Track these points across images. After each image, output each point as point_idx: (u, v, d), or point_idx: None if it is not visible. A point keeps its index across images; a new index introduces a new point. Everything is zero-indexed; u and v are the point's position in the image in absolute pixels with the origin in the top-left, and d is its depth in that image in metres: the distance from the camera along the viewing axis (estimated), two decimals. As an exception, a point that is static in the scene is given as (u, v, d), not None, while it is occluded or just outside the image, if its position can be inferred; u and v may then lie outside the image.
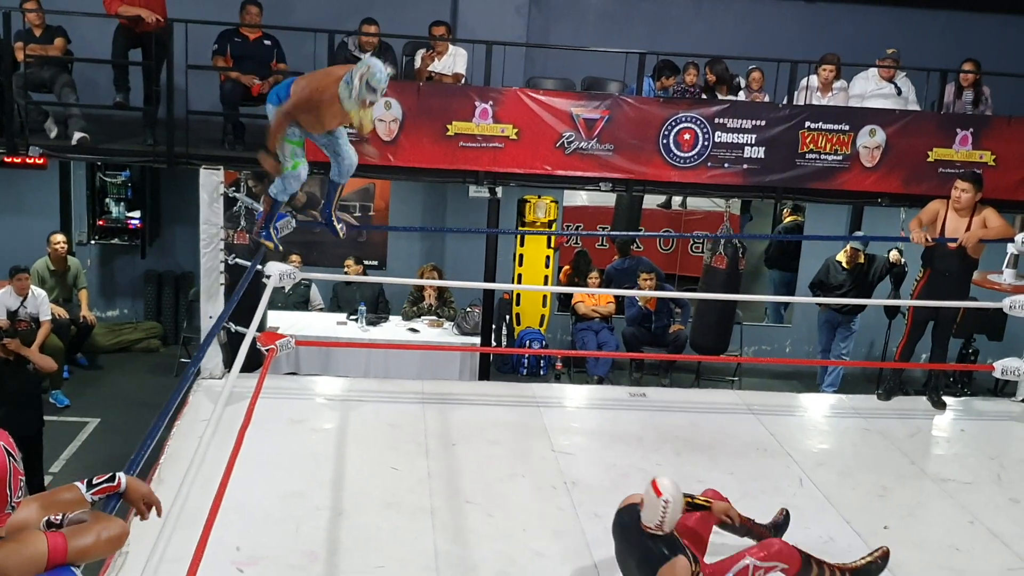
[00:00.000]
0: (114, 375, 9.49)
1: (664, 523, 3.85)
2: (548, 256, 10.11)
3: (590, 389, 7.39)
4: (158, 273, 10.56)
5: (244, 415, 4.70)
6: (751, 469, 5.47)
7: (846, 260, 9.54)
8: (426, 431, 5.73)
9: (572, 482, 5.21)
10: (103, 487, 2.71)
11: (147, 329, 10.42)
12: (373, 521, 4.69)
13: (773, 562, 4.09)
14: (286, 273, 5.98)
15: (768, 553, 4.10)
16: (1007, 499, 5.40)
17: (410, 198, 10.62)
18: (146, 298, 10.61)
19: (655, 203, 12.14)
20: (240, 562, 4.22)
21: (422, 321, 9.40)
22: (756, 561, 4.07)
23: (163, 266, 10.61)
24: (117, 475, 2.76)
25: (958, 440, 6.33)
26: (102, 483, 2.71)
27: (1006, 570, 4.63)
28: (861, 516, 5.00)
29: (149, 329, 10.43)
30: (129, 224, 10.50)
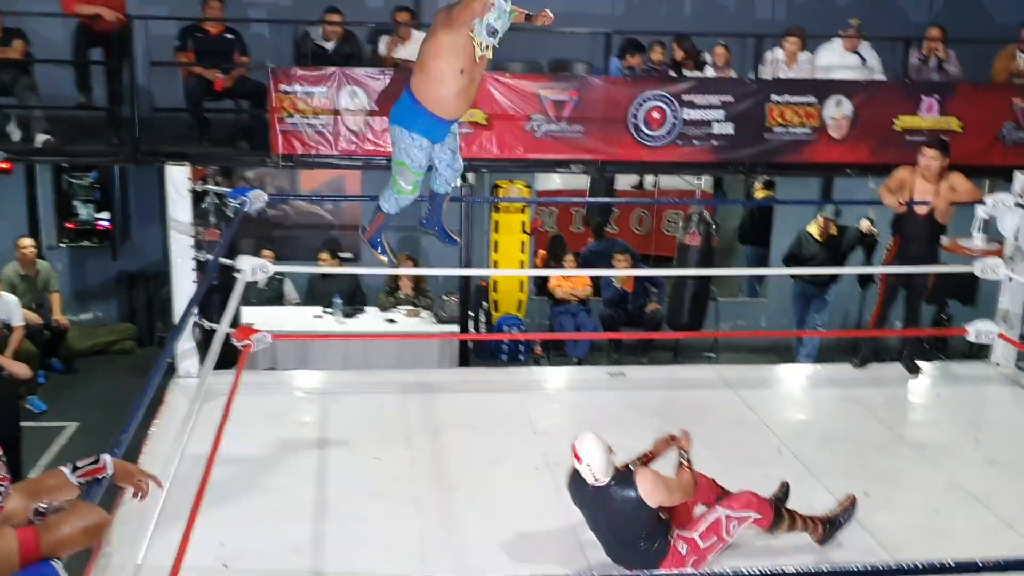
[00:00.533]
0: (90, 378, 9.43)
1: (600, 475, 3.96)
2: (523, 242, 10.12)
3: (569, 371, 7.42)
4: (130, 274, 10.50)
5: (222, 411, 4.69)
6: (730, 442, 5.49)
7: (818, 232, 9.60)
8: (407, 420, 5.72)
9: (555, 463, 5.20)
10: (88, 469, 2.68)
11: (121, 331, 10.36)
12: (357, 512, 4.68)
13: (745, 512, 4.17)
14: (258, 267, 5.94)
15: (740, 504, 4.18)
16: (985, 461, 5.45)
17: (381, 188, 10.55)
18: (119, 299, 10.55)
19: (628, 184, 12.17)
20: (225, 558, 4.21)
21: (399, 311, 9.39)
22: (728, 511, 4.16)
23: (135, 266, 10.54)
24: (102, 457, 2.73)
25: (934, 405, 6.40)
26: (87, 465, 2.69)
27: (986, 530, 4.68)
28: (840, 483, 5.03)
29: (123, 331, 10.37)
30: (98, 225, 10.43)
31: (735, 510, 4.18)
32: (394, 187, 5.17)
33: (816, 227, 9.62)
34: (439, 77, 4.67)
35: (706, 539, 4.14)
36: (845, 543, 4.47)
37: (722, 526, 4.16)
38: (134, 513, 4.15)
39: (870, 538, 4.52)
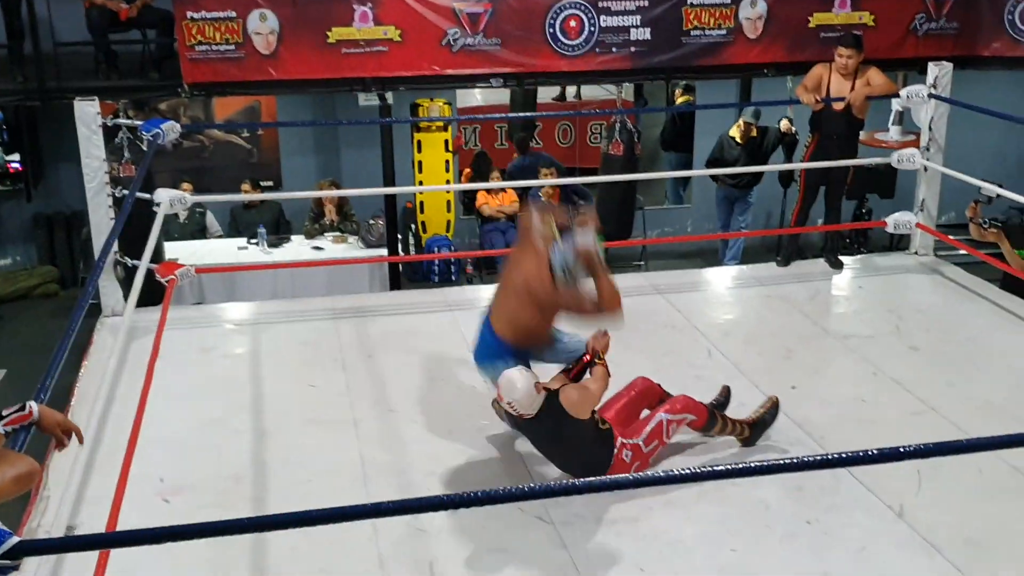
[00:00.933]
0: (14, 324, 9.23)
1: (526, 411, 4.00)
2: (447, 160, 10.02)
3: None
4: (47, 215, 10.22)
5: (151, 348, 4.65)
6: (661, 346, 5.59)
7: (739, 135, 9.67)
8: (341, 346, 5.70)
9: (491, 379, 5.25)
10: (13, 417, 2.63)
11: (43, 274, 10.12)
12: (296, 439, 4.68)
13: (683, 414, 4.31)
14: (176, 199, 5.83)
15: (678, 407, 4.31)
16: (907, 347, 5.62)
17: (299, 114, 10.40)
18: (38, 242, 10.28)
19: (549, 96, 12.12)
20: (165, 492, 4.19)
21: (325, 238, 9.29)
22: (668, 415, 4.28)
23: (51, 208, 10.26)
24: (27, 404, 2.68)
25: (857, 297, 6.55)
26: (11, 413, 2.63)
27: (910, 414, 4.84)
28: (768, 379, 5.16)
29: (45, 274, 10.13)
30: (10, 168, 10.10)
31: (674, 413, 4.30)
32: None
33: (737, 130, 9.69)
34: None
35: (649, 443, 4.24)
36: (774, 436, 4.59)
37: (663, 429, 4.28)
38: (70, 455, 4.11)
39: (799, 430, 4.65)
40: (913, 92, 6.62)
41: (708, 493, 4.12)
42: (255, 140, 10.71)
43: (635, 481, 3.42)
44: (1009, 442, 2.88)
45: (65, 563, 3.61)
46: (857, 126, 6.67)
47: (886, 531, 3.93)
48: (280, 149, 10.72)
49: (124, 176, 6.28)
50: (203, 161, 10.58)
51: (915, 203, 6.88)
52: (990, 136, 10.59)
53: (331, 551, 3.77)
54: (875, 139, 8.99)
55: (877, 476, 4.19)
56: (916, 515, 4.00)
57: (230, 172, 10.38)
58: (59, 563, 3.62)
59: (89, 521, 3.89)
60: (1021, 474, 4.24)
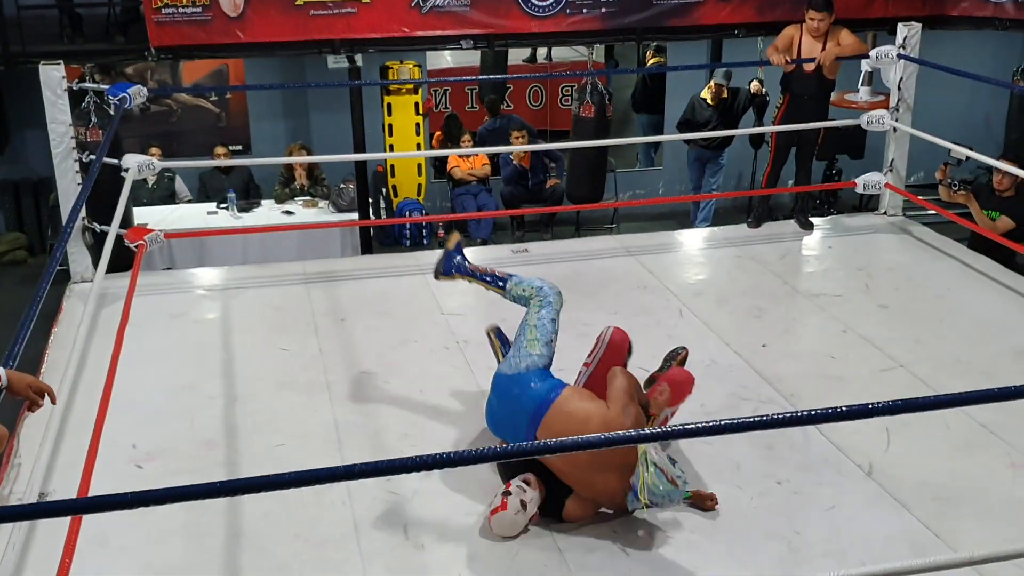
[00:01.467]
0: (-18, 292, 9.14)
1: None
2: (418, 123, 9.97)
3: (473, 251, 7.37)
4: (14, 182, 10.10)
5: (121, 314, 4.61)
6: (633, 307, 5.61)
7: (711, 96, 9.67)
8: (313, 310, 5.68)
9: (464, 341, 5.26)
10: None
11: (11, 241, 10.02)
12: (269, 403, 4.67)
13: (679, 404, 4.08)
14: (144, 164, 5.77)
15: (678, 395, 4.04)
16: (876, 306, 5.67)
17: (267, 77, 10.29)
18: (5, 209, 10.17)
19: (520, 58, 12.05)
20: (138, 459, 4.18)
21: (296, 203, 9.24)
22: (672, 409, 4.03)
23: (18, 174, 10.13)
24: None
25: (827, 256, 6.59)
26: None
27: (879, 371, 4.89)
28: (739, 338, 5.20)
29: (13, 241, 10.03)
30: (-26, 134, 9.96)
31: (674, 404, 4.03)
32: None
33: (708, 92, 9.69)
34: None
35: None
36: (747, 395, 4.64)
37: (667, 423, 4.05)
38: (41, 423, 4.09)
39: (769, 388, 4.69)
40: (882, 53, 6.63)
41: (679, 453, 4.15)
42: (223, 104, 10.60)
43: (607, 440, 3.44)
44: (976, 398, 2.92)
45: (37, 530, 3.60)
46: (828, 87, 6.68)
47: (855, 489, 3.98)
48: (249, 113, 10.62)
49: (91, 141, 6.20)
50: (171, 126, 10.47)
51: (884, 164, 6.92)
52: (958, 97, 10.64)
53: (306, 515, 3.78)
54: (845, 100, 9.01)
55: (846, 434, 4.24)
56: (885, 473, 4.06)
57: (199, 137, 10.28)
58: (31, 530, 3.61)
59: (61, 488, 3.87)
60: (987, 430, 4.31)
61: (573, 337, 4.70)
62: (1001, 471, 4.09)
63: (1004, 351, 5.10)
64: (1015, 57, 10.37)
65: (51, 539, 3.12)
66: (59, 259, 3.81)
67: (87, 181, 4.85)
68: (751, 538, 3.70)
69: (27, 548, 3.55)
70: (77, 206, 4.52)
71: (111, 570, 3.52)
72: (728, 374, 4.77)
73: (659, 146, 11.55)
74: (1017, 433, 4.26)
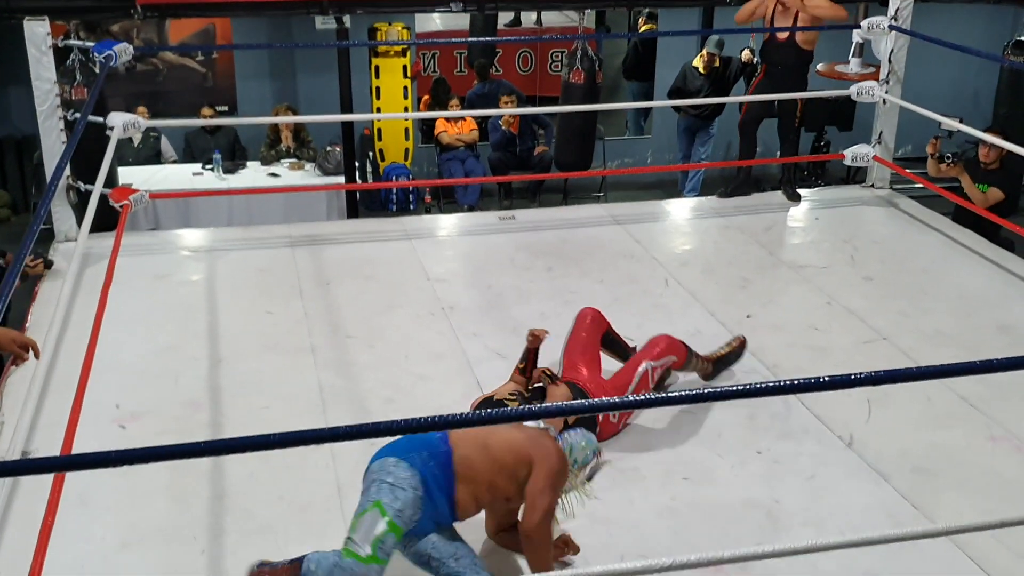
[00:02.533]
0: (-35, 250, 9.07)
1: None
2: (405, 86, 9.90)
3: (460, 217, 7.40)
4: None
5: (105, 274, 4.59)
6: (619, 276, 5.62)
7: (703, 65, 9.63)
8: (298, 273, 5.67)
9: (449, 307, 5.26)
10: None
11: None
12: (253, 365, 4.67)
13: (666, 357, 4.21)
14: (129, 123, 5.72)
15: (659, 350, 4.20)
16: (860, 278, 5.69)
17: (254, 37, 10.19)
18: (-13, 167, 10.07)
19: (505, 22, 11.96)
20: (121, 419, 4.17)
21: (282, 165, 9.18)
22: (653, 363, 4.16)
23: (2, 132, 10.02)
24: None
25: (813, 228, 6.61)
26: None
27: (862, 343, 4.92)
28: (724, 308, 5.22)
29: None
30: (-44, 90, 9.84)
31: (658, 358, 4.17)
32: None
33: (700, 60, 9.65)
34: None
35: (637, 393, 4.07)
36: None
37: (648, 378, 4.14)
38: (25, 380, 4.08)
39: (752, 358, 4.70)
40: (873, 24, 6.61)
41: (661, 421, 4.18)
42: (210, 64, 10.50)
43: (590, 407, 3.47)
44: (957, 370, 2.94)
45: (20, 488, 3.60)
46: (806, 57, 6.64)
47: (836, 459, 4.01)
48: (235, 73, 10.52)
49: (76, 99, 6.13)
50: (157, 85, 10.37)
51: (873, 136, 6.92)
52: (948, 70, 10.64)
53: (289, 477, 3.79)
54: (835, 71, 8.98)
55: (828, 405, 4.27)
56: (865, 443, 4.09)
57: (185, 96, 10.19)
58: (14, 488, 3.61)
59: (44, 446, 3.87)
60: (968, 403, 4.34)
61: (559, 305, 4.71)
62: (981, 444, 4.13)
63: (987, 325, 5.14)
64: (1006, 31, 10.36)
65: (33, 498, 3.12)
66: (43, 217, 3.78)
67: (72, 139, 4.81)
68: (731, 506, 3.73)
69: (9, 507, 3.55)
70: (61, 164, 4.48)
71: (93, 529, 3.53)
72: (712, 344, 4.76)
73: (648, 114, 11.51)
74: (998, 406, 4.30)
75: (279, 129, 9.21)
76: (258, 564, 3.06)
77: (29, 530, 3.04)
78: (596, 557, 3.37)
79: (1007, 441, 4.12)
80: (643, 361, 4.17)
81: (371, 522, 2.94)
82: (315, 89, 10.12)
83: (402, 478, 3.00)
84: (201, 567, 3.40)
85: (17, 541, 3.28)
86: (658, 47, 11.10)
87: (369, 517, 2.95)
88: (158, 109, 9.67)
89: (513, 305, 5.27)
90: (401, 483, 2.99)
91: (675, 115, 10.22)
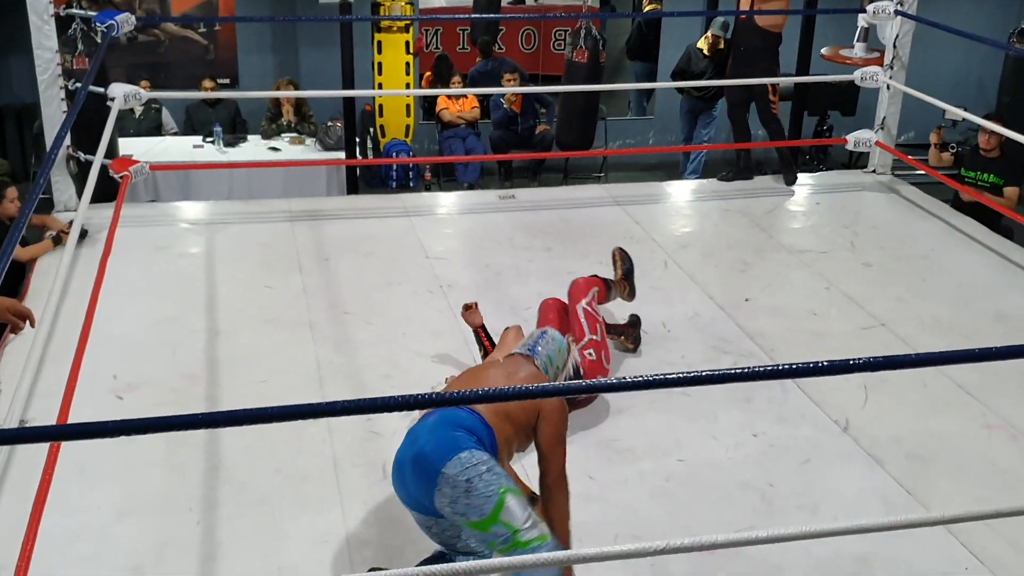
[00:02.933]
0: (-37, 218, 9.04)
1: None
2: (408, 63, 9.85)
3: (460, 195, 7.40)
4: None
5: (104, 245, 4.59)
6: (619, 257, 5.61)
7: (707, 47, 9.58)
8: (297, 248, 5.67)
9: (448, 285, 5.27)
10: None
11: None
12: (252, 339, 4.67)
13: (589, 293, 4.33)
14: (131, 94, 5.69)
15: (581, 290, 4.33)
16: (860, 264, 5.69)
17: (257, 10, 10.14)
18: (-12, 135, 10.03)
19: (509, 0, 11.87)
20: (118, 390, 4.18)
21: (283, 139, 9.15)
22: (583, 303, 4.28)
23: (2, 100, 9.98)
24: None
25: (814, 213, 6.60)
26: None
27: (860, 328, 4.93)
28: (723, 291, 5.22)
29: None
30: (-44, 57, 9.79)
31: (583, 297, 4.31)
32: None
33: (705, 42, 9.60)
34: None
35: (593, 330, 4.21)
36: (728, 348, 4.67)
37: (591, 312, 4.28)
38: (23, 349, 4.08)
39: (750, 342, 4.72)
40: (880, 8, 6.58)
41: (657, 402, 4.19)
42: (212, 36, 10.45)
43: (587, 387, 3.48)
44: (954, 358, 2.94)
45: (16, 457, 3.61)
46: (771, 39, 6.59)
47: (831, 444, 4.02)
48: (237, 46, 10.48)
49: (77, 69, 6.11)
50: (159, 57, 10.32)
51: (876, 121, 6.90)
52: (952, 57, 10.60)
53: (286, 451, 3.81)
54: (839, 55, 8.94)
55: (824, 390, 4.28)
56: (861, 428, 4.10)
57: (186, 68, 10.14)
58: (10, 457, 3.62)
59: (41, 415, 3.88)
60: (964, 390, 4.35)
61: (557, 285, 4.69)
62: (976, 431, 4.14)
63: (985, 313, 5.14)
64: (1012, 20, 10.32)
65: (29, 467, 3.13)
66: (42, 186, 3.76)
67: (72, 109, 4.79)
68: (725, 488, 3.75)
69: (5, 475, 3.57)
70: (61, 134, 4.46)
71: (89, 499, 3.54)
72: (710, 327, 4.79)
73: (651, 95, 11.46)
74: (994, 394, 4.31)
75: (280, 103, 9.18)
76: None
77: (24, 498, 3.04)
78: (589, 536, 3.39)
79: (1002, 429, 4.13)
80: (576, 305, 4.29)
81: (518, 505, 2.88)
82: (317, 64, 10.08)
83: (486, 459, 2.96)
84: (196, 538, 3.41)
85: (12, 509, 3.28)
86: (662, 28, 11.05)
87: (512, 504, 2.87)
88: (159, 81, 9.63)
89: (511, 285, 5.28)
90: (491, 463, 2.95)
91: (678, 96, 10.18)
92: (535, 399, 3.19)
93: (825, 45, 9.16)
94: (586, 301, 4.30)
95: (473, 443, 2.98)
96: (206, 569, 3.30)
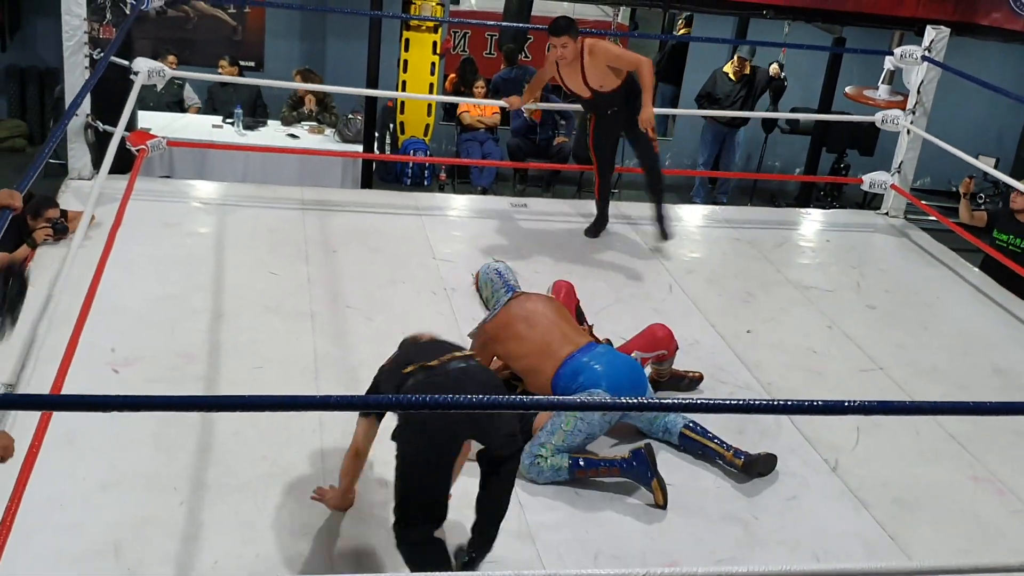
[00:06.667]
0: (-23, 176, 9.08)
1: None
2: (434, 63, 9.89)
3: (472, 199, 7.40)
4: (21, 68, 9.99)
5: (114, 216, 4.60)
6: (624, 276, 5.61)
7: (733, 72, 9.62)
8: (306, 237, 5.67)
9: (452, 288, 5.27)
10: None
11: (12, 127, 9.94)
12: (251, 324, 4.68)
13: (657, 351, 4.29)
14: (155, 70, 5.72)
15: (651, 341, 4.29)
16: (864, 305, 5.68)
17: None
18: (9, 95, 10.08)
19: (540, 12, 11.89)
20: (115, 363, 4.19)
21: (302, 127, 9.18)
22: (642, 354, 4.25)
23: (26, 61, 10.02)
24: None
25: (823, 250, 6.59)
26: None
27: (858, 371, 4.92)
28: (725, 320, 5.22)
29: (14, 127, 9.95)
30: (-15, 16, 9.83)
31: (648, 351, 4.27)
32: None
33: (731, 67, 9.63)
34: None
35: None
36: (725, 379, 4.66)
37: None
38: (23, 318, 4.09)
39: (748, 374, 4.71)
40: (907, 52, 6.58)
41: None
42: (241, 18, 10.48)
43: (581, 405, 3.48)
44: (948, 408, 2.95)
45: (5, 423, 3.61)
46: (626, 89, 5.78)
47: (818, 483, 4.02)
48: (266, 30, 10.51)
49: (104, 38, 6.14)
50: (186, 33, 10.36)
51: (893, 164, 6.90)
52: (975, 107, 10.60)
53: (275, 440, 3.81)
54: (863, 96, 8.96)
55: (817, 428, 4.28)
56: (849, 470, 4.09)
57: (213, 47, 10.17)
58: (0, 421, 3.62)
59: (35, 383, 3.88)
60: (955, 440, 4.34)
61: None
62: (963, 483, 4.13)
63: (983, 365, 5.13)
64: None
65: (18, 432, 3.13)
66: (52, 148, 3.76)
67: (91, 76, 4.81)
68: (710, 517, 3.75)
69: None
70: (78, 100, 4.47)
71: (76, 468, 3.55)
72: (709, 355, 4.78)
73: (674, 117, 11.48)
74: (984, 447, 4.30)
75: (303, 91, 9.20)
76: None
77: (11, 463, 3.05)
78: (570, 554, 3.39)
79: (990, 483, 4.13)
80: (634, 351, 4.24)
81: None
82: (343, 55, 10.10)
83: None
84: (179, 517, 3.42)
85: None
86: (688, 52, 11.07)
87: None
88: (184, 57, 9.66)
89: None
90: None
91: (700, 120, 10.21)
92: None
93: (850, 84, 9.18)
94: (644, 353, 4.27)
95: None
96: (184, 549, 3.30)
